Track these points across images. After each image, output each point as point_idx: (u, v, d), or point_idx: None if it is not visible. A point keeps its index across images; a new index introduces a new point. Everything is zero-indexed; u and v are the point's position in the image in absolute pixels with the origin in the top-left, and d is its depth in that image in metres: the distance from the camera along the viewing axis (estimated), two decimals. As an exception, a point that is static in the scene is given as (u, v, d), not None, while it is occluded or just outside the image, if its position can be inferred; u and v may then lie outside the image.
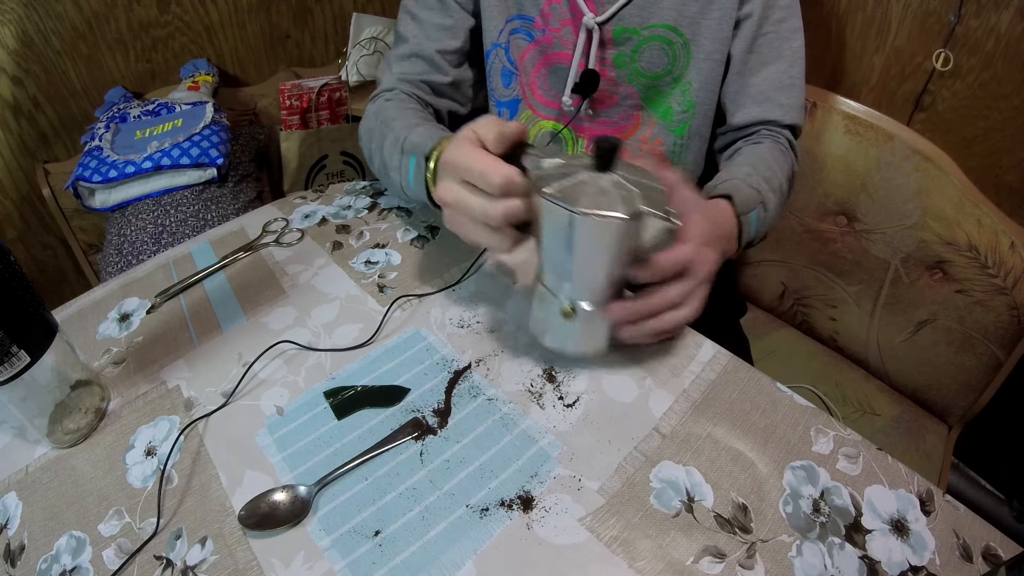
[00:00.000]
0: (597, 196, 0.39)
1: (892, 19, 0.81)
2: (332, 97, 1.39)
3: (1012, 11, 0.71)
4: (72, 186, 1.10)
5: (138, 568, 0.40)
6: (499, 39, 0.70)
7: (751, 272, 0.95)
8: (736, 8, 0.62)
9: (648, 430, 0.46)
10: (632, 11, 0.62)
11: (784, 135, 0.65)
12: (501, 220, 0.42)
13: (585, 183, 0.40)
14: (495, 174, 0.41)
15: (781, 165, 0.62)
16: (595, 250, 0.41)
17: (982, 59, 0.75)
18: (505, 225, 0.43)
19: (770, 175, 0.60)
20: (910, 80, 0.83)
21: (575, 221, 0.39)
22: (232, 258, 0.67)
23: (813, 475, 0.43)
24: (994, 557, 0.38)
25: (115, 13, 1.25)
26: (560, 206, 0.39)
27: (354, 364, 0.53)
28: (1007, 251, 0.67)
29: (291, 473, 0.45)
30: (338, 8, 1.57)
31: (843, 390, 0.84)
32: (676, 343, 0.53)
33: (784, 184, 0.62)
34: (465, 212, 0.44)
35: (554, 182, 0.40)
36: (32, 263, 1.35)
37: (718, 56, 0.64)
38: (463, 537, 0.40)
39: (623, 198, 0.39)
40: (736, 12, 0.62)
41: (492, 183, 0.41)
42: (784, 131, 0.66)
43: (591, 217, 0.38)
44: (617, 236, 0.40)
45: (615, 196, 0.39)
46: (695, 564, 0.38)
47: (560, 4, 0.65)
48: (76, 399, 0.48)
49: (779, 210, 0.62)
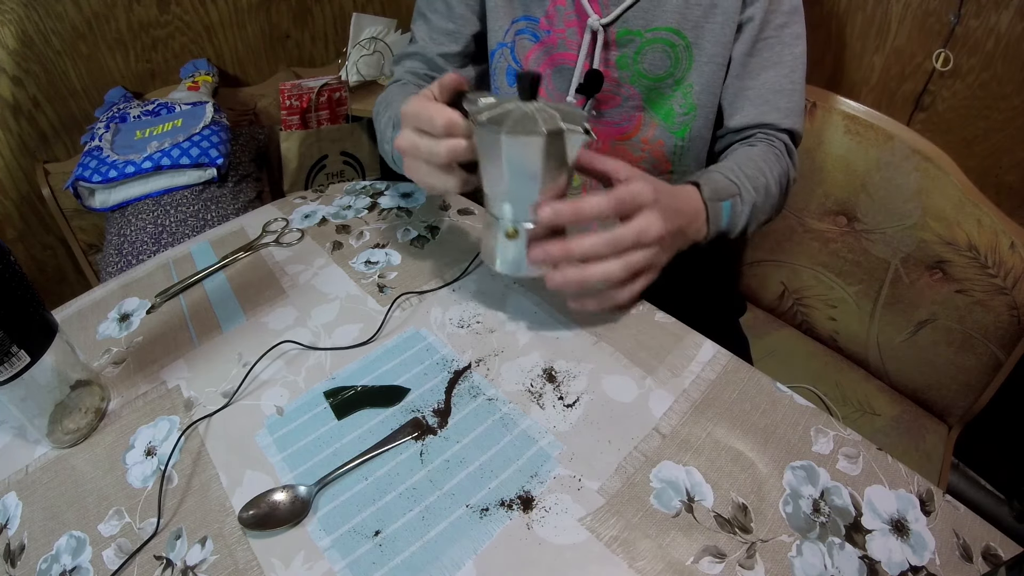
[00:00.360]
0: (521, 120, 0.44)
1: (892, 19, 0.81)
2: (332, 97, 1.39)
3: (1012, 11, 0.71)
4: (72, 186, 1.10)
5: (138, 568, 0.40)
6: (505, 39, 0.71)
7: (751, 272, 0.95)
8: (738, 12, 0.62)
9: (648, 430, 0.46)
10: (636, 13, 0.63)
11: (781, 139, 0.65)
12: (445, 157, 0.48)
13: (511, 111, 0.46)
14: (438, 117, 0.47)
15: (771, 166, 0.62)
16: (524, 167, 0.45)
17: (982, 59, 0.75)
18: (451, 163, 0.49)
19: (754, 172, 0.60)
20: (910, 80, 0.83)
21: (503, 142, 0.44)
22: (232, 258, 0.67)
23: (813, 475, 0.43)
24: (994, 557, 0.38)
25: (115, 13, 1.25)
26: (489, 130, 0.44)
27: (354, 364, 0.53)
28: (1007, 251, 0.67)
29: (291, 473, 0.45)
30: (338, 8, 1.57)
31: (843, 390, 0.84)
32: (676, 343, 0.53)
33: (772, 185, 0.61)
34: (417, 155, 0.50)
35: (486, 114, 0.46)
36: (32, 263, 1.35)
37: (720, 59, 0.64)
38: (463, 537, 0.40)
39: (544, 119, 0.44)
40: (738, 16, 0.62)
41: (436, 125, 0.47)
42: (781, 135, 0.65)
43: (515, 136, 0.43)
44: (541, 151, 0.44)
45: (537, 118, 0.44)
46: (695, 564, 0.38)
47: (565, 5, 0.65)
48: (76, 399, 0.48)
49: (765, 209, 0.61)
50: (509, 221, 0.49)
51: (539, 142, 0.43)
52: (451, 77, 0.49)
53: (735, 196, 0.58)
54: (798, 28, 0.64)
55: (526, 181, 0.46)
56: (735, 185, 0.58)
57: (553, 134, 0.43)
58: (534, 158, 0.44)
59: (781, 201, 0.65)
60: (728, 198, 0.57)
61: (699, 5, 0.62)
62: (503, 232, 0.50)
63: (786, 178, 0.65)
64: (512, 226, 0.49)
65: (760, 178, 0.60)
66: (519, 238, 0.49)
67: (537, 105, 0.46)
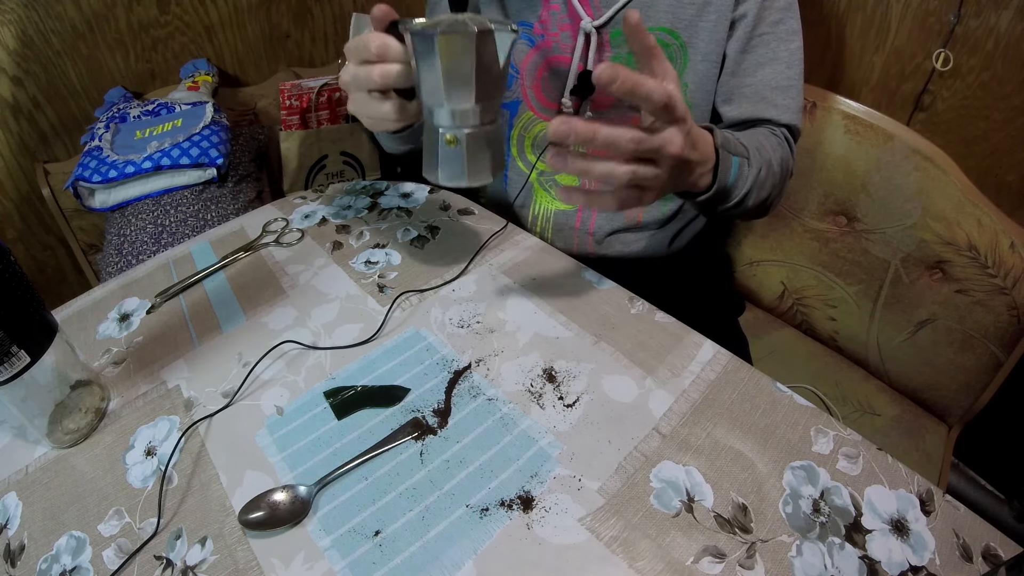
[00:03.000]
0: (452, 24, 0.46)
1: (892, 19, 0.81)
2: (332, 97, 1.38)
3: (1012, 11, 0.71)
4: (72, 186, 1.10)
5: (138, 568, 0.40)
6: None
7: (751, 272, 0.95)
8: (732, 9, 0.62)
9: (648, 430, 0.46)
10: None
11: (781, 131, 0.65)
12: (379, 80, 0.50)
13: (443, 20, 0.48)
14: (371, 41, 0.50)
15: (774, 148, 0.61)
16: (458, 68, 0.47)
17: (982, 59, 0.75)
18: (386, 87, 0.52)
19: (759, 146, 0.59)
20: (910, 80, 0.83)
21: (436, 41, 0.45)
22: (232, 258, 0.67)
23: (813, 475, 0.43)
24: (994, 557, 0.38)
25: (115, 13, 1.24)
26: (423, 35, 0.46)
27: (354, 364, 0.53)
28: (1007, 251, 0.67)
29: (291, 473, 0.45)
30: (338, 8, 1.57)
31: (843, 390, 0.84)
32: (676, 343, 0.53)
33: (775, 163, 0.60)
34: (357, 86, 0.53)
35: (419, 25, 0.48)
36: (32, 263, 1.35)
37: (714, 57, 0.64)
38: (463, 537, 0.40)
39: (473, 21, 0.46)
40: (731, 13, 0.62)
41: (369, 49, 0.50)
42: (781, 128, 0.65)
43: (448, 35, 0.45)
44: (472, 48, 0.46)
45: (466, 22, 0.46)
46: (695, 564, 0.38)
47: (559, 9, 0.66)
48: (76, 399, 0.48)
49: (767, 186, 0.60)
50: (448, 128, 0.50)
51: (471, 38, 0.45)
52: (382, 7, 0.51)
53: (744, 158, 0.56)
54: (793, 24, 0.64)
55: (462, 83, 0.47)
56: (744, 147, 0.56)
57: (484, 32, 0.45)
58: (467, 56, 0.46)
59: (781, 184, 0.64)
60: (737, 156, 0.55)
61: (692, 4, 0.62)
62: (443, 141, 0.51)
63: (787, 164, 0.64)
64: (451, 133, 0.50)
65: (765, 152, 0.59)
66: (459, 145, 0.51)
67: (468, 15, 0.49)
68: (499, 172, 0.54)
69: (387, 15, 0.51)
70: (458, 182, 0.53)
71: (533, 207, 0.76)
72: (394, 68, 0.50)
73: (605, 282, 0.61)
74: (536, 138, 0.74)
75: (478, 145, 0.51)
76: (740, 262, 0.96)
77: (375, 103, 0.53)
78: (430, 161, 0.53)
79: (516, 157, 0.76)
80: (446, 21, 0.47)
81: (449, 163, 0.52)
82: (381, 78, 0.50)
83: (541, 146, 0.73)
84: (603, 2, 0.64)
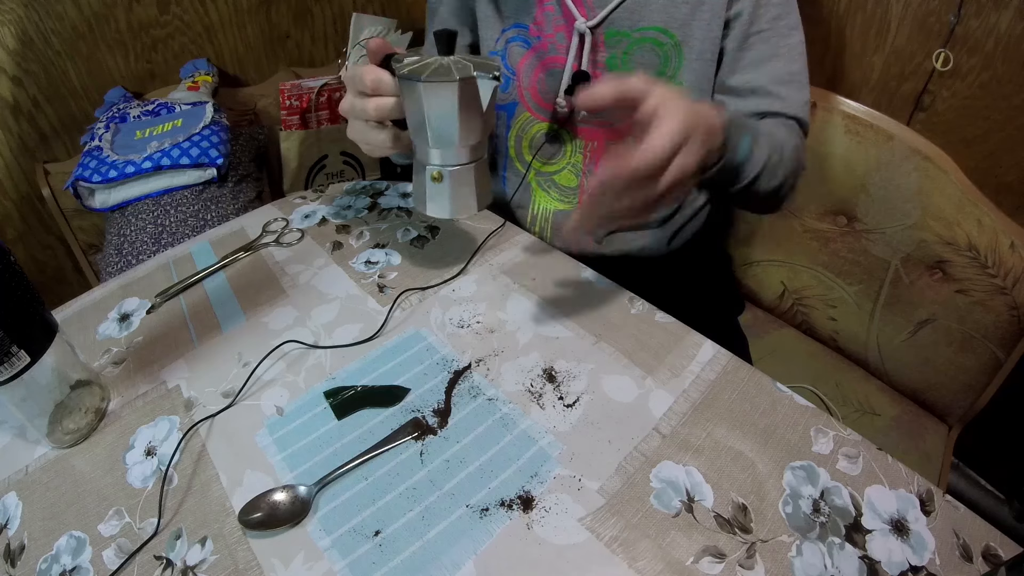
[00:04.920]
0: (438, 70, 0.49)
1: (892, 19, 0.81)
2: (332, 97, 1.39)
3: (1012, 11, 0.71)
4: (72, 186, 1.10)
5: (138, 568, 0.40)
6: (496, 47, 0.72)
7: (751, 272, 0.95)
8: (725, 8, 0.62)
9: (648, 430, 0.46)
10: (622, 14, 0.63)
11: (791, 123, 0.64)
12: (373, 113, 0.53)
13: (430, 63, 0.50)
14: (366, 76, 0.52)
15: (786, 136, 0.60)
16: (441, 112, 0.50)
17: (982, 59, 0.75)
18: (381, 119, 0.54)
19: (768, 132, 0.58)
20: (910, 80, 0.82)
21: (420, 89, 0.48)
22: (232, 258, 0.67)
23: (813, 475, 0.43)
24: (994, 557, 0.38)
25: (115, 13, 1.24)
26: (409, 81, 0.49)
27: (354, 364, 0.53)
28: (1007, 251, 0.67)
29: (291, 473, 0.45)
30: (338, 8, 1.57)
31: (843, 390, 0.84)
32: (676, 343, 0.53)
33: (787, 150, 0.58)
34: (354, 115, 0.56)
35: (407, 68, 0.50)
36: (32, 263, 1.35)
37: (708, 56, 0.64)
38: (463, 537, 0.40)
39: (458, 68, 0.49)
40: (725, 12, 0.62)
41: (364, 83, 0.52)
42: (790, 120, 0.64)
43: (431, 84, 0.48)
44: (454, 97, 0.48)
45: (452, 68, 0.49)
46: (695, 564, 0.38)
47: (553, 11, 0.66)
48: (76, 399, 0.48)
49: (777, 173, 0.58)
50: (435, 166, 0.53)
51: (453, 87, 0.48)
52: (376, 42, 0.53)
53: (751, 136, 0.54)
54: (792, 19, 0.64)
55: (446, 126, 0.50)
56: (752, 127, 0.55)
57: (465, 80, 0.48)
58: (450, 102, 0.49)
59: (794, 173, 0.61)
60: (745, 133, 0.53)
61: (686, 3, 0.62)
62: (429, 177, 0.54)
63: (800, 155, 0.61)
64: (437, 170, 0.53)
65: (776, 137, 0.58)
66: (444, 181, 0.54)
67: (453, 58, 0.51)
68: (484, 204, 0.57)
69: (381, 49, 0.53)
70: (443, 215, 0.56)
71: (532, 207, 0.76)
72: (388, 102, 0.53)
73: (605, 282, 0.61)
74: (533, 138, 0.74)
75: (462, 181, 0.54)
76: (740, 262, 0.96)
77: (372, 132, 0.57)
78: (418, 193, 0.57)
79: (514, 158, 0.76)
80: (431, 66, 0.49)
81: (435, 198, 0.55)
82: (376, 112, 0.53)
83: (537, 146, 0.73)
84: (597, 2, 0.64)
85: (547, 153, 0.73)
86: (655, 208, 0.45)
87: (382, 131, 0.56)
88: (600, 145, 0.71)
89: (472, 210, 0.56)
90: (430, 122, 0.50)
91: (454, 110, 0.49)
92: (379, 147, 0.57)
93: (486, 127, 0.53)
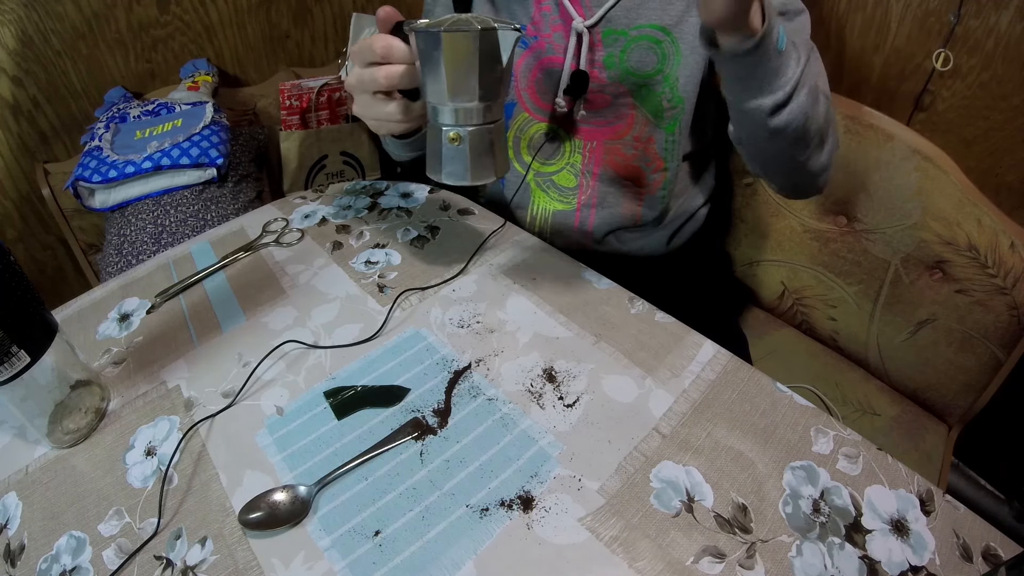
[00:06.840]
0: (456, 22, 0.47)
1: (892, 19, 0.81)
2: (332, 97, 1.38)
3: (1012, 11, 0.71)
4: (72, 186, 1.10)
5: (138, 568, 0.40)
6: None
7: (751, 272, 0.95)
8: None
9: (648, 430, 0.46)
10: (619, 13, 0.63)
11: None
12: (384, 82, 0.51)
13: (447, 19, 0.49)
14: (376, 43, 0.50)
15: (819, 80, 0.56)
16: (462, 65, 0.48)
17: (982, 59, 0.75)
18: (391, 89, 0.52)
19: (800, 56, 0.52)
20: (910, 80, 0.82)
21: (441, 39, 0.46)
22: (232, 258, 0.67)
23: (813, 475, 0.43)
24: (994, 557, 0.38)
25: (115, 13, 1.24)
26: (428, 33, 0.47)
27: (354, 364, 0.53)
28: (1007, 251, 0.67)
29: (291, 473, 0.45)
30: (338, 8, 1.57)
31: (843, 390, 0.84)
32: (676, 343, 0.53)
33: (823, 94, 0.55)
34: (362, 88, 0.53)
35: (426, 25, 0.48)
36: (32, 263, 1.35)
37: (702, 51, 0.64)
38: (463, 537, 0.40)
39: (476, 21, 0.48)
40: None
41: (374, 50, 0.50)
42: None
43: (452, 32, 0.46)
44: (475, 48, 0.47)
45: (469, 21, 0.47)
46: (695, 564, 0.38)
47: (550, 10, 0.66)
48: (76, 399, 0.48)
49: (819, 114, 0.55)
50: (452, 127, 0.51)
51: (474, 36, 0.46)
52: (385, 10, 0.51)
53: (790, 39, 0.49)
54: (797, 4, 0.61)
55: (465, 81, 0.48)
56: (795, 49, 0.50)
57: (487, 30, 0.46)
58: (471, 54, 0.47)
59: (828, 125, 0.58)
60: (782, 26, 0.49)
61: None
62: (446, 139, 0.52)
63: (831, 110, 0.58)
64: (455, 131, 0.51)
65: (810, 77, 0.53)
66: (462, 143, 0.51)
67: (471, 15, 0.50)
68: (503, 172, 0.55)
69: (391, 17, 0.51)
70: (461, 180, 0.53)
71: (531, 207, 0.76)
72: (399, 69, 0.51)
73: (605, 282, 0.61)
74: (532, 139, 0.74)
75: (481, 143, 0.52)
76: (740, 262, 0.96)
77: (380, 104, 0.54)
78: (433, 160, 0.54)
79: (512, 158, 0.76)
80: (450, 20, 0.48)
81: (452, 161, 0.52)
82: (386, 79, 0.51)
83: (536, 146, 0.73)
84: (594, 1, 0.64)
85: (546, 153, 0.73)
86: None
87: (391, 102, 0.54)
88: (599, 145, 0.71)
89: (490, 176, 0.53)
90: (449, 77, 0.48)
91: (475, 61, 0.47)
92: (387, 120, 0.55)
93: (507, 84, 0.51)
